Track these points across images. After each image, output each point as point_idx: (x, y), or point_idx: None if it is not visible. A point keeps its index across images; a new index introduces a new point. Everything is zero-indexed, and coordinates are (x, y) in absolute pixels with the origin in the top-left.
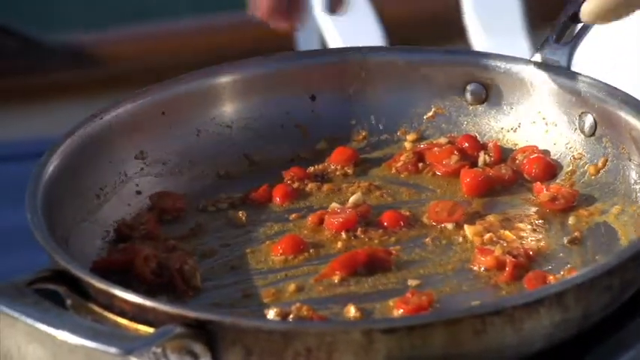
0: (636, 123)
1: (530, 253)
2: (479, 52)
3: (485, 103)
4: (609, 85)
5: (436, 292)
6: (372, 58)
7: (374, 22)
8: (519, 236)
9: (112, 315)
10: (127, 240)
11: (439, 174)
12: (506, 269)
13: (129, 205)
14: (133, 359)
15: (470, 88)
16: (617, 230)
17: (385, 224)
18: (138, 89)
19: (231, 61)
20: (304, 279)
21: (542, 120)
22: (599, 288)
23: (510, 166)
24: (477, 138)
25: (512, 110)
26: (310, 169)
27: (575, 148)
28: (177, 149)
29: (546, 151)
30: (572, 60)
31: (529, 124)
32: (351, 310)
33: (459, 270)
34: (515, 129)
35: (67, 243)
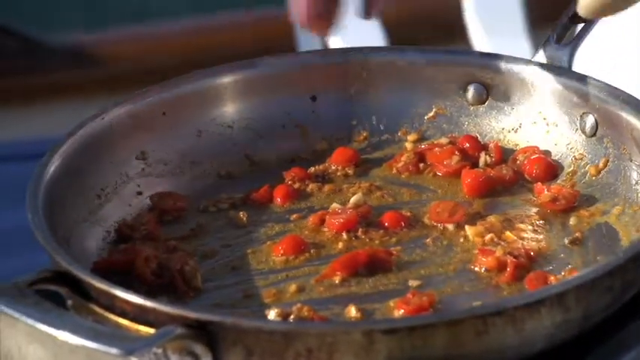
0: (637, 123)
1: (531, 253)
2: (480, 52)
3: (486, 103)
4: (611, 86)
5: (437, 292)
6: (373, 58)
7: (375, 22)
8: (520, 237)
9: (112, 315)
10: (128, 240)
11: (440, 174)
12: (507, 270)
13: (130, 206)
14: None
15: (471, 88)
16: (619, 231)
17: (386, 225)
18: (138, 89)
19: (232, 62)
20: (305, 279)
21: (543, 120)
22: (600, 288)
23: (511, 167)
24: (478, 138)
25: (513, 111)
26: (311, 169)
27: (577, 148)
28: (178, 149)
29: (547, 152)
30: (574, 60)
31: (530, 124)
32: (352, 311)
33: (460, 270)
34: (516, 129)
35: (68, 243)
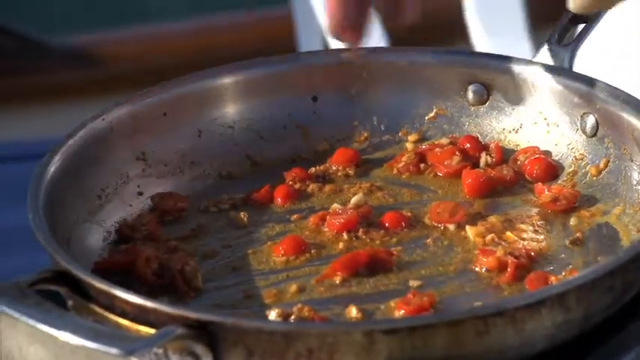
0: (638, 124)
1: (532, 254)
2: (480, 52)
3: (487, 103)
4: (611, 86)
5: (438, 292)
6: (374, 58)
7: (375, 22)
8: (521, 237)
9: (113, 316)
10: (129, 241)
11: (441, 175)
12: (508, 270)
13: (130, 206)
14: None
15: (471, 88)
16: (619, 231)
17: (387, 225)
18: (139, 90)
19: (233, 62)
20: (306, 280)
21: (544, 121)
22: (600, 289)
23: (512, 167)
24: (479, 139)
25: (514, 111)
26: (312, 169)
27: (577, 148)
28: (179, 150)
29: (548, 152)
30: (574, 60)
31: (531, 124)
32: (353, 311)
33: (460, 271)
34: (517, 130)
35: (69, 244)
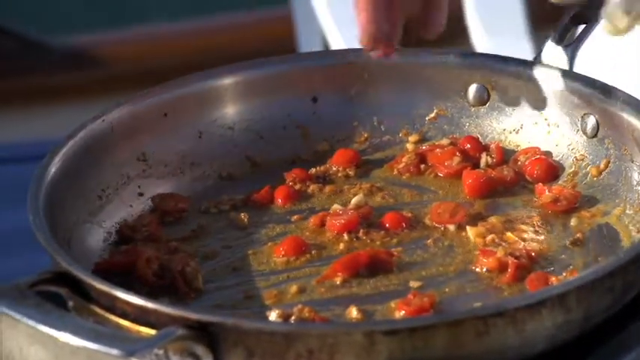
0: (638, 124)
1: (533, 254)
2: (481, 53)
3: (488, 104)
4: (611, 87)
5: (438, 293)
6: (374, 59)
7: None
8: (521, 238)
9: (113, 317)
10: (129, 242)
11: (441, 175)
12: (509, 271)
13: (131, 207)
14: None
15: (472, 89)
16: (619, 232)
17: (387, 226)
18: (139, 91)
19: (233, 63)
20: (306, 280)
21: (545, 121)
22: (600, 289)
23: (512, 168)
24: (479, 139)
25: (514, 112)
26: (312, 170)
27: (578, 149)
28: (179, 151)
29: (548, 153)
30: (575, 61)
31: (531, 125)
32: (353, 312)
33: (460, 271)
34: (518, 130)
35: (69, 245)
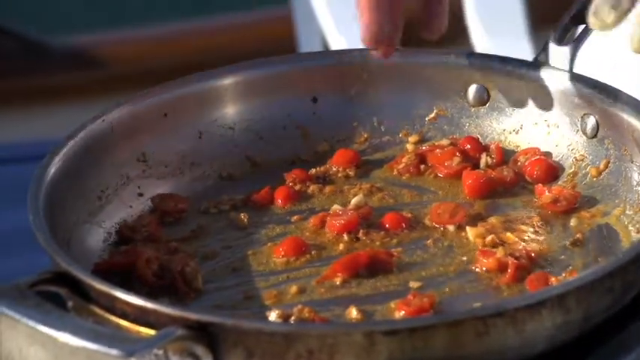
0: (638, 124)
1: (532, 254)
2: (481, 53)
3: (487, 104)
4: (611, 87)
5: (438, 293)
6: (374, 59)
7: None
8: (521, 238)
9: (113, 317)
10: (129, 242)
11: (441, 176)
12: (508, 271)
13: (130, 207)
14: None
15: (472, 89)
16: (619, 232)
17: (387, 226)
18: (139, 91)
19: (233, 63)
20: (306, 281)
21: (544, 122)
22: (600, 290)
23: (512, 168)
24: (479, 140)
25: (514, 112)
26: (312, 170)
27: (577, 149)
28: (179, 151)
29: (548, 153)
30: (575, 61)
31: (531, 125)
32: (353, 312)
33: (460, 272)
34: (517, 131)
35: (69, 245)
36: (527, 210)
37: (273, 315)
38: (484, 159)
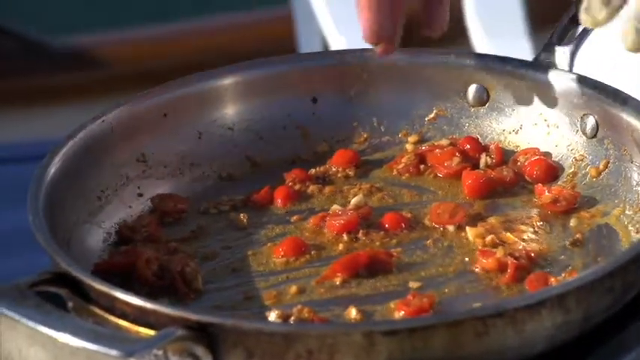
0: (638, 125)
1: (532, 255)
2: (480, 54)
3: (487, 104)
4: (611, 87)
5: (437, 294)
6: (374, 60)
7: None
8: (521, 238)
9: (113, 317)
10: (129, 242)
11: (440, 176)
12: (508, 271)
13: (130, 208)
14: None
15: (471, 89)
16: (619, 232)
17: (386, 226)
18: (139, 91)
19: (233, 63)
20: (305, 281)
21: (544, 122)
22: (600, 290)
23: (512, 168)
24: (479, 140)
25: (514, 112)
26: (312, 171)
27: (577, 149)
28: (179, 151)
29: (548, 153)
30: (574, 61)
31: (531, 126)
32: (352, 312)
33: (460, 272)
34: (517, 131)
35: (69, 245)
36: (527, 210)
37: (272, 315)
38: (484, 159)
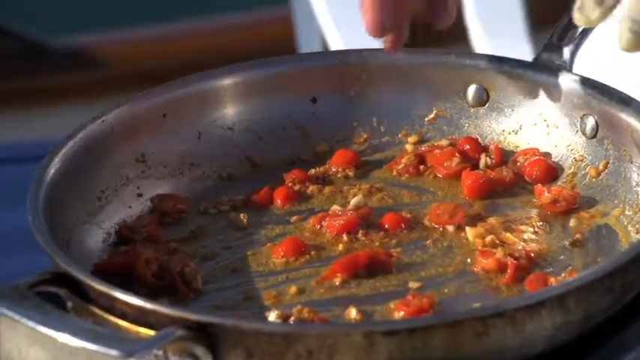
0: (638, 125)
1: (532, 255)
2: (480, 54)
3: (487, 105)
4: (611, 87)
5: (437, 294)
6: (374, 60)
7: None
8: (521, 238)
9: (113, 317)
10: (128, 242)
11: (440, 176)
12: (508, 271)
13: (130, 208)
14: None
15: (471, 90)
16: (618, 232)
17: (386, 226)
18: (139, 91)
19: (233, 64)
20: (305, 281)
21: (544, 122)
22: (600, 290)
23: (511, 169)
24: (479, 140)
25: (514, 112)
26: (311, 171)
27: (577, 150)
28: (179, 151)
29: (547, 154)
30: (574, 62)
31: (530, 126)
32: (352, 313)
33: (460, 272)
34: (517, 131)
35: (68, 245)
36: (527, 210)
37: (272, 315)
38: (483, 159)
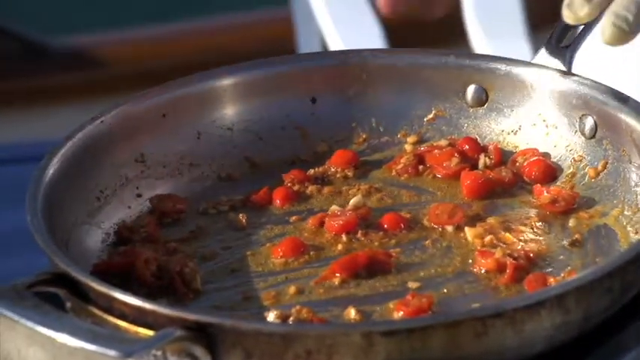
0: (637, 125)
1: (531, 255)
2: (479, 54)
3: (486, 105)
4: (610, 88)
5: (436, 294)
6: (373, 60)
7: (375, 24)
8: (520, 238)
9: (111, 318)
10: (128, 243)
11: (439, 176)
12: (507, 271)
13: (129, 208)
14: None
15: (470, 90)
16: (617, 232)
17: (385, 227)
18: (138, 92)
19: (232, 64)
20: (304, 281)
21: (543, 122)
22: (599, 290)
23: (511, 169)
24: (478, 140)
25: (513, 113)
26: (311, 171)
27: (576, 150)
28: (178, 152)
29: (547, 154)
30: (573, 62)
31: (529, 126)
32: (351, 313)
33: (459, 272)
34: (516, 131)
35: (67, 246)
36: (526, 210)
37: (271, 315)
38: (482, 160)
